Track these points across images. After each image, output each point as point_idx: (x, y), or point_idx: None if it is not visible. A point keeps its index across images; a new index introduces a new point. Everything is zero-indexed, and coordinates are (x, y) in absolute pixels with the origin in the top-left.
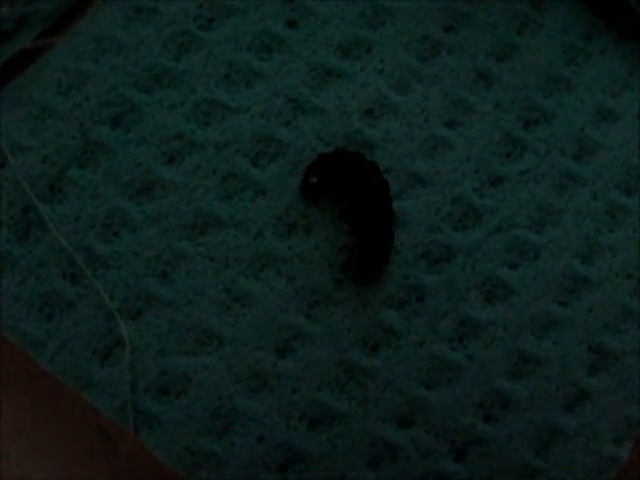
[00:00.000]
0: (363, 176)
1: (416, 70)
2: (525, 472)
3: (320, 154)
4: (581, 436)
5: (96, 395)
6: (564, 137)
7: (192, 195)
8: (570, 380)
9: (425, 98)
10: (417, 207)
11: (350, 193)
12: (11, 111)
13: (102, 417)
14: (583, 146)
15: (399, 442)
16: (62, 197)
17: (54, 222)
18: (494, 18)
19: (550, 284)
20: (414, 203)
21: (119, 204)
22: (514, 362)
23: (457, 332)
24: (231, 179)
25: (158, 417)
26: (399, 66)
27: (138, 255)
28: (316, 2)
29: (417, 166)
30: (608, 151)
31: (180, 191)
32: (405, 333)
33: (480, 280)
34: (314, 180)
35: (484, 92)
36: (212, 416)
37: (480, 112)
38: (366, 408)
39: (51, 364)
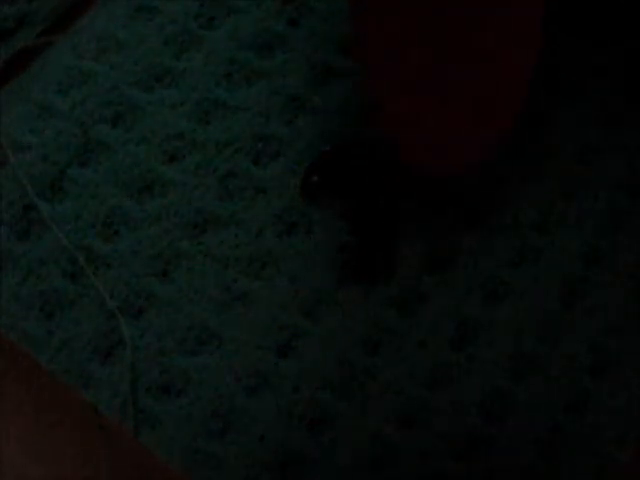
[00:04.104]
0: (366, 175)
1: None
2: (526, 472)
3: (322, 152)
4: (582, 436)
5: (97, 394)
6: (566, 139)
7: (192, 194)
8: (571, 381)
9: None
10: (418, 206)
11: (352, 192)
12: (12, 110)
13: (102, 416)
14: (586, 148)
15: (399, 442)
16: (63, 196)
17: (55, 221)
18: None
19: (552, 285)
20: (415, 202)
21: (119, 203)
22: (515, 363)
23: (458, 332)
24: (231, 178)
25: (158, 416)
26: None
27: (138, 254)
28: (317, 1)
29: None
30: (611, 152)
31: (180, 190)
32: (406, 333)
33: (481, 280)
34: (315, 179)
35: None
36: (212, 415)
37: None
38: (366, 408)
39: (51, 363)
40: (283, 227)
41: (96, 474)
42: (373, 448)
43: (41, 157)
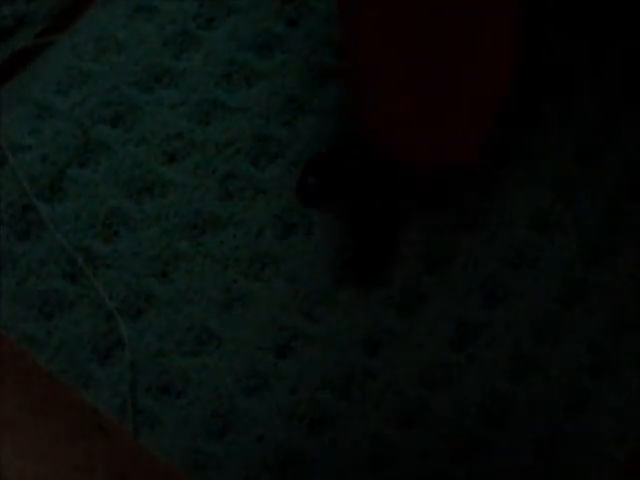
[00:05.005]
0: (362, 176)
1: None
2: (526, 473)
3: (318, 154)
4: (582, 436)
5: (96, 394)
6: (566, 139)
7: (192, 195)
8: (571, 381)
9: None
10: (418, 206)
11: (348, 194)
12: (12, 110)
13: (102, 416)
14: (585, 148)
15: (399, 442)
16: (62, 196)
17: (54, 221)
18: None
19: (551, 285)
20: (414, 202)
21: (119, 203)
22: (515, 363)
23: (458, 332)
24: (231, 179)
25: (158, 417)
26: None
27: (138, 255)
28: (316, 1)
29: None
30: (610, 152)
31: (180, 191)
32: (406, 333)
33: (481, 281)
34: (311, 182)
35: None
36: (212, 416)
37: None
38: (366, 408)
39: (51, 363)
40: (283, 228)
41: (96, 474)
42: (373, 448)
43: (40, 157)
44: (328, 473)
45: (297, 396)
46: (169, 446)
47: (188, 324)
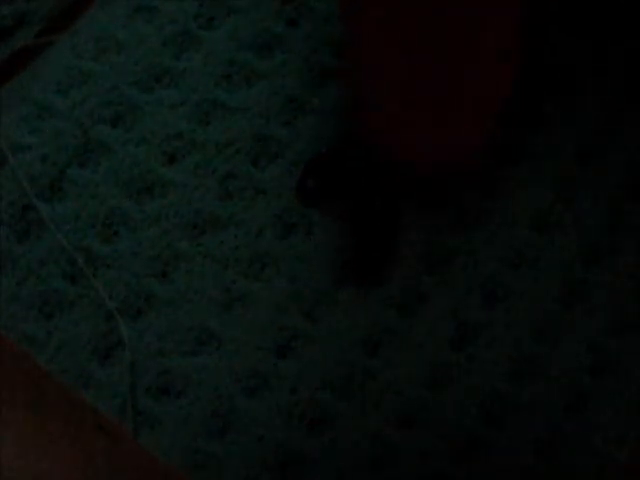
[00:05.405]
0: (362, 176)
1: None
2: (526, 473)
3: (318, 154)
4: (582, 436)
5: (96, 395)
6: (566, 139)
7: (192, 195)
8: (571, 381)
9: None
10: (418, 206)
11: (348, 194)
12: (11, 110)
13: (102, 416)
14: (586, 148)
15: (399, 442)
16: (62, 196)
17: (54, 221)
18: None
19: (551, 285)
20: (414, 202)
21: (119, 204)
22: (515, 363)
23: (458, 332)
24: (231, 179)
25: (158, 417)
26: None
27: (138, 255)
28: (316, 1)
29: None
30: (611, 152)
31: (180, 191)
32: (406, 333)
33: (481, 281)
34: (310, 183)
35: None
36: (212, 416)
37: None
38: (366, 408)
39: (51, 363)
40: (283, 228)
41: (96, 474)
42: (373, 448)
43: (40, 157)
44: (328, 473)
45: (297, 396)
46: (169, 446)
47: (188, 324)
